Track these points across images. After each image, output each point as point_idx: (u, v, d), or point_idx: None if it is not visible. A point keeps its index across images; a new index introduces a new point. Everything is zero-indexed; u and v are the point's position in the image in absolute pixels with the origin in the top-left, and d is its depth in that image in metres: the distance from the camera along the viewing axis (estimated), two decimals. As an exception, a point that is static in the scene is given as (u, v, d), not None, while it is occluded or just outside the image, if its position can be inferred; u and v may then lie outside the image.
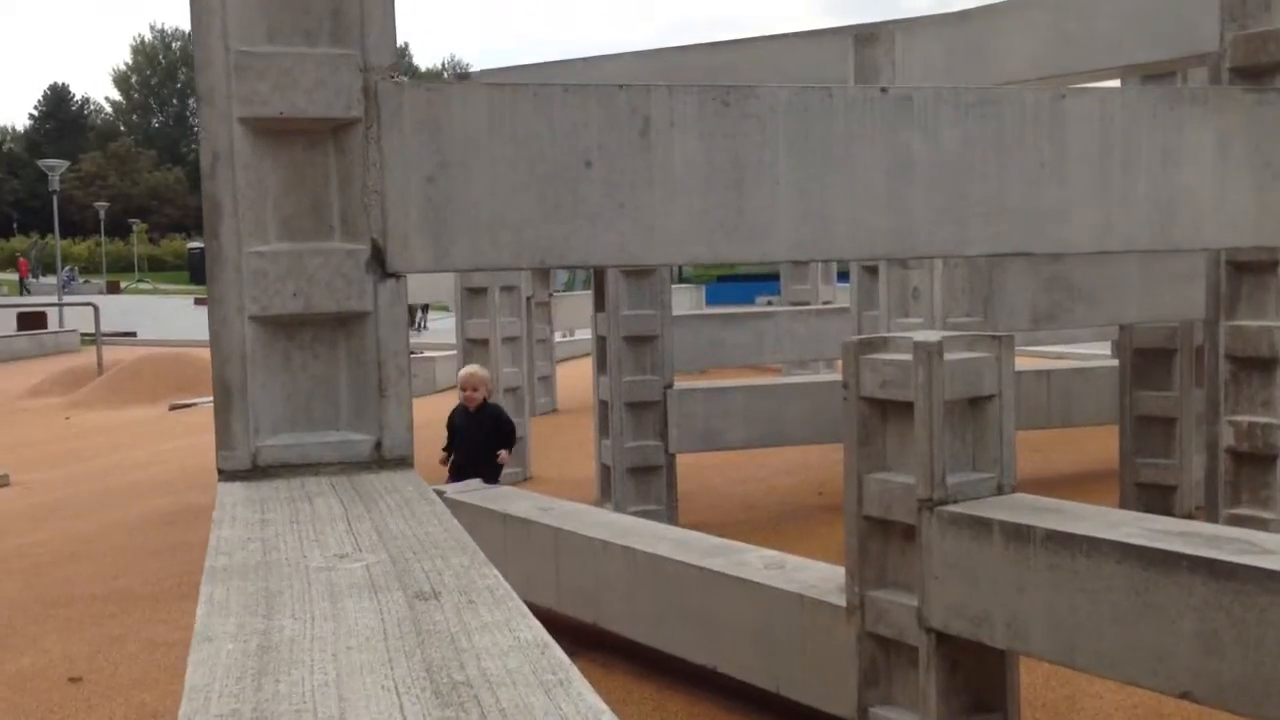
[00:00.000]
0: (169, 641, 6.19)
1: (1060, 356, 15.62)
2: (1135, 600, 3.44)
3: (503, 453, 8.29)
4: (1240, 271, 6.29)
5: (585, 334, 11.48)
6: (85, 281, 64.53)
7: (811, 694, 4.61)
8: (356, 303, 2.75)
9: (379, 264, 2.78)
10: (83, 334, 30.87)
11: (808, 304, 15.07)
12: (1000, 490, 4.16)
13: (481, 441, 8.14)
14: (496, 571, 1.82)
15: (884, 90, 3.20)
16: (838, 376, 4.44)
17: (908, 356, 4.08)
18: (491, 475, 7.83)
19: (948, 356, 4.03)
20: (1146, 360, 8.24)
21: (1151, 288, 7.36)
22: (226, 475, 2.68)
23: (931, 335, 4.23)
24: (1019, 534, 3.77)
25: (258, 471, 2.70)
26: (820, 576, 4.80)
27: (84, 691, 5.63)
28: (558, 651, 1.45)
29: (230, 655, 1.46)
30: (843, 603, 4.42)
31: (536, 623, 1.56)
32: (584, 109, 2.92)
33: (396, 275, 2.81)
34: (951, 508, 4.00)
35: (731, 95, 3.02)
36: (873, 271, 7.96)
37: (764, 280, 28.75)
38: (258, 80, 2.68)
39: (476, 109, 2.86)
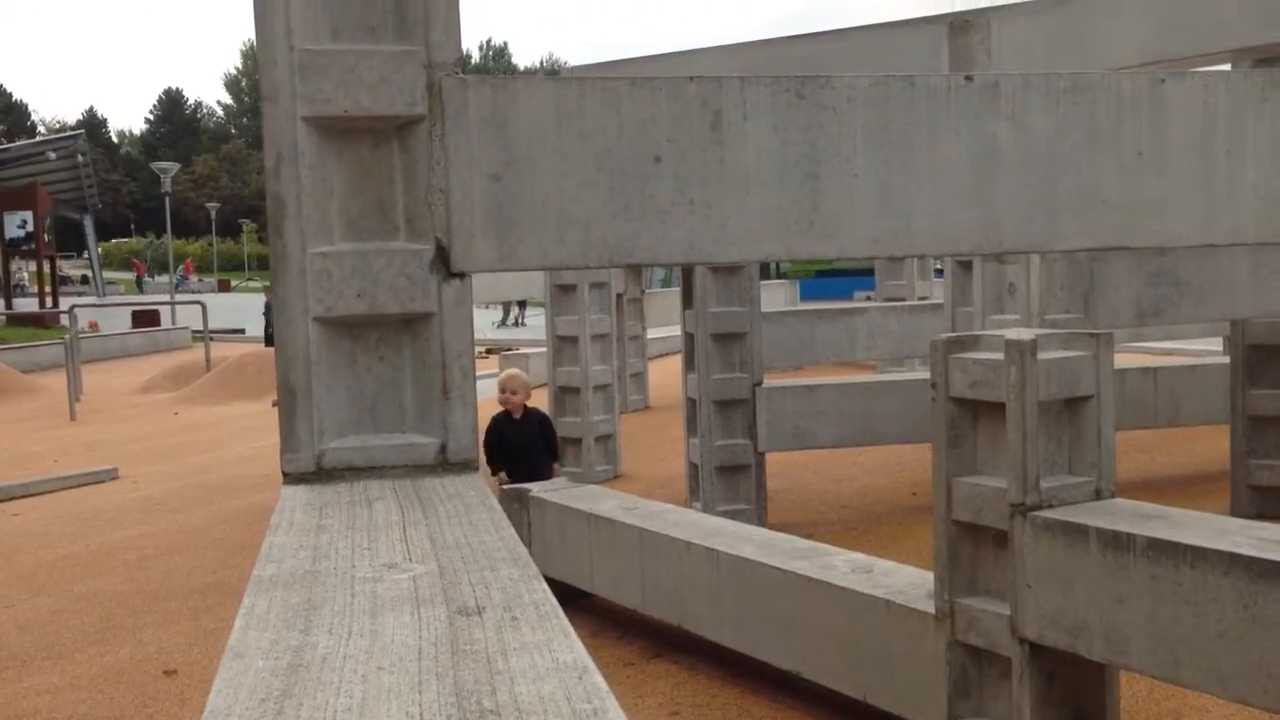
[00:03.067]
0: (260, 636, 6.27)
1: (1169, 353, 15.08)
2: (1243, 614, 3.25)
3: (556, 466, 7.96)
4: (1362, 264, 5.95)
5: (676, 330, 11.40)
6: (199, 280, 66.44)
7: (899, 703, 4.47)
8: (421, 303, 2.71)
9: (443, 264, 2.73)
10: (194, 331, 31.74)
11: (903, 300, 14.79)
12: (1098, 495, 3.98)
13: (535, 448, 7.81)
14: (545, 585, 1.75)
15: (969, 78, 3.04)
16: (930, 375, 4.30)
17: (999, 355, 3.92)
18: None
19: (1041, 355, 3.87)
20: (1260, 357, 7.87)
21: (1265, 281, 7.01)
22: (291, 478, 2.65)
23: (1025, 333, 4.06)
24: (1118, 542, 3.59)
25: (322, 474, 2.67)
26: (909, 582, 4.65)
27: (177, 685, 5.73)
28: (596, 677, 1.37)
29: (258, 674, 1.41)
30: (931, 610, 4.27)
31: (579, 644, 1.48)
32: (653, 103, 2.83)
33: (461, 275, 2.75)
34: (1045, 513, 3.83)
35: (806, 86, 2.90)
36: (967, 267, 7.72)
37: (863, 275, 28.28)
38: (321, 79, 2.64)
39: (542, 104, 2.79)
